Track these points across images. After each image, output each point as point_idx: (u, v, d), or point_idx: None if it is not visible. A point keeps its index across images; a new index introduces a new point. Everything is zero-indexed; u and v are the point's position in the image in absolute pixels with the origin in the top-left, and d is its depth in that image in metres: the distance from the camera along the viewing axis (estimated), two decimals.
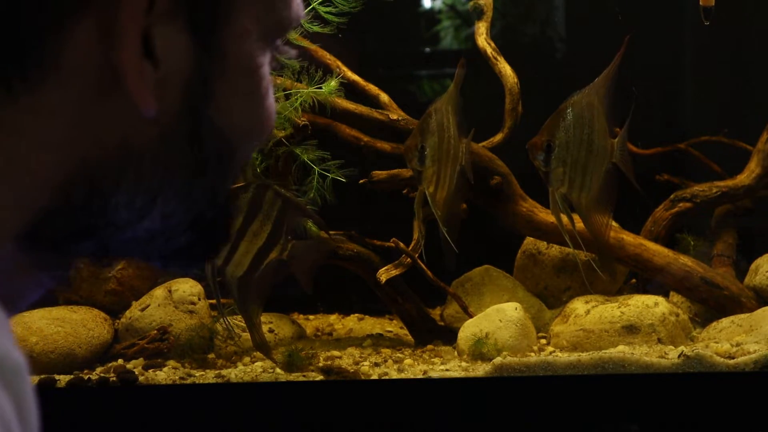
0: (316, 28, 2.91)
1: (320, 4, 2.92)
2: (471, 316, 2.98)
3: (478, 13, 3.32)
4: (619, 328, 2.86)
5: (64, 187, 0.74)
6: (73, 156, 0.73)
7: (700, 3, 2.81)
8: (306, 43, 3.01)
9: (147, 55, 0.73)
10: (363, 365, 2.77)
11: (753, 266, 3.18)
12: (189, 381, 2.64)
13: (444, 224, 2.81)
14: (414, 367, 2.74)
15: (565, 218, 2.77)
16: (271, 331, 3.17)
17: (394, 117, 3.13)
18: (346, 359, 2.86)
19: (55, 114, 0.72)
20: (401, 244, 2.97)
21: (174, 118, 0.76)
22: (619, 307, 2.91)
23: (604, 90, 2.69)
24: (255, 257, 2.66)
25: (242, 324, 3.09)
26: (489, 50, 3.27)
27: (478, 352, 2.78)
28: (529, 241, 3.36)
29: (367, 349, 3.04)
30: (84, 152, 0.74)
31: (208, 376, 2.66)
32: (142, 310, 3.03)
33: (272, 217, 2.67)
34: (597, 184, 2.70)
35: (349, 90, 3.13)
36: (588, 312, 2.93)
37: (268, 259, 2.66)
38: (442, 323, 3.22)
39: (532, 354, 2.83)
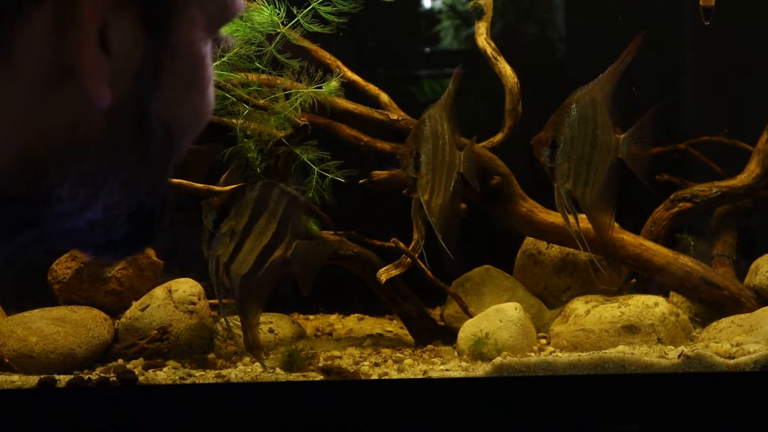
0: (316, 28, 2.91)
1: (320, 4, 2.92)
2: (471, 316, 2.98)
3: (478, 13, 3.32)
4: (619, 328, 2.86)
5: (3, 178, 0.72)
6: (15, 147, 0.71)
7: (700, 3, 2.81)
8: (306, 43, 3.01)
9: (101, 47, 0.72)
10: (363, 365, 2.77)
11: (753, 266, 3.18)
12: (189, 381, 2.64)
13: (440, 231, 2.81)
14: (414, 367, 2.74)
15: (570, 216, 2.78)
16: (271, 331, 3.17)
17: (394, 117, 3.13)
18: (346, 359, 2.86)
19: (1, 104, 0.70)
20: (401, 244, 2.97)
21: (121, 110, 0.75)
22: (619, 307, 2.91)
23: (608, 86, 2.69)
24: (259, 255, 2.67)
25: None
26: (489, 50, 3.27)
27: (478, 352, 2.78)
28: (529, 241, 3.36)
29: (367, 349, 3.04)
30: (27, 143, 0.72)
31: (208, 376, 2.66)
32: (142, 310, 3.03)
33: (278, 215, 2.67)
34: (601, 180, 2.70)
35: (350, 90, 3.13)
36: (588, 312, 2.93)
37: (272, 258, 2.67)
38: (442, 323, 3.22)
39: (532, 354, 2.82)
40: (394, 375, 2.66)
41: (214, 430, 2.57)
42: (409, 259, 2.96)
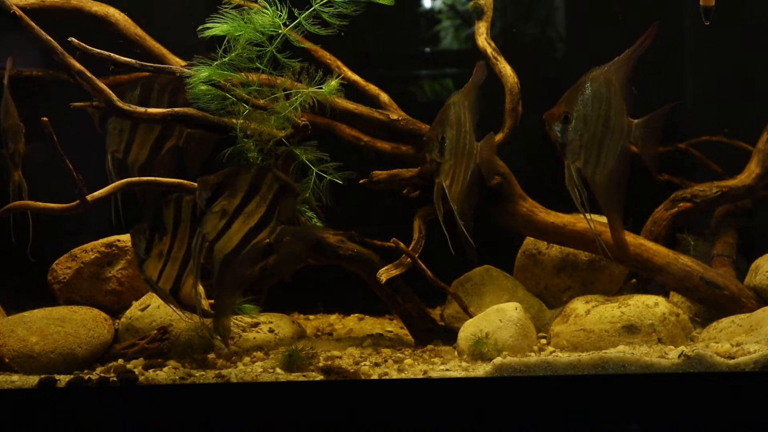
0: (317, 30, 2.91)
1: (322, 5, 2.92)
2: (471, 316, 2.98)
3: (478, 13, 3.32)
4: (619, 328, 2.86)
5: None
6: None
7: (701, 3, 2.82)
8: (307, 44, 3.01)
9: None
10: (363, 365, 2.77)
11: (753, 266, 3.19)
12: (189, 381, 2.64)
13: (461, 218, 2.81)
14: (414, 367, 2.74)
15: (585, 216, 2.77)
16: (271, 331, 3.17)
17: (394, 117, 3.13)
18: (346, 359, 2.87)
19: None
20: (401, 244, 2.98)
21: None
22: (619, 307, 2.91)
23: (624, 69, 2.67)
24: (244, 237, 2.68)
25: (242, 324, 3.10)
26: (489, 50, 3.27)
27: (478, 352, 2.79)
28: (529, 241, 3.37)
29: (367, 349, 3.05)
30: None
31: (208, 376, 2.66)
32: (142, 310, 3.04)
33: (268, 199, 2.69)
34: (612, 162, 2.69)
35: (350, 90, 3.13)
36: (588, 312, 2.94)
37: (255, 240, 2.68)
38: (442, 323, 3.23)
39: (532, 354, 2.83)
40: (394, 375, 2.67)
41: (214, 430, 2.57)
42: (409, 259, 2.96)
